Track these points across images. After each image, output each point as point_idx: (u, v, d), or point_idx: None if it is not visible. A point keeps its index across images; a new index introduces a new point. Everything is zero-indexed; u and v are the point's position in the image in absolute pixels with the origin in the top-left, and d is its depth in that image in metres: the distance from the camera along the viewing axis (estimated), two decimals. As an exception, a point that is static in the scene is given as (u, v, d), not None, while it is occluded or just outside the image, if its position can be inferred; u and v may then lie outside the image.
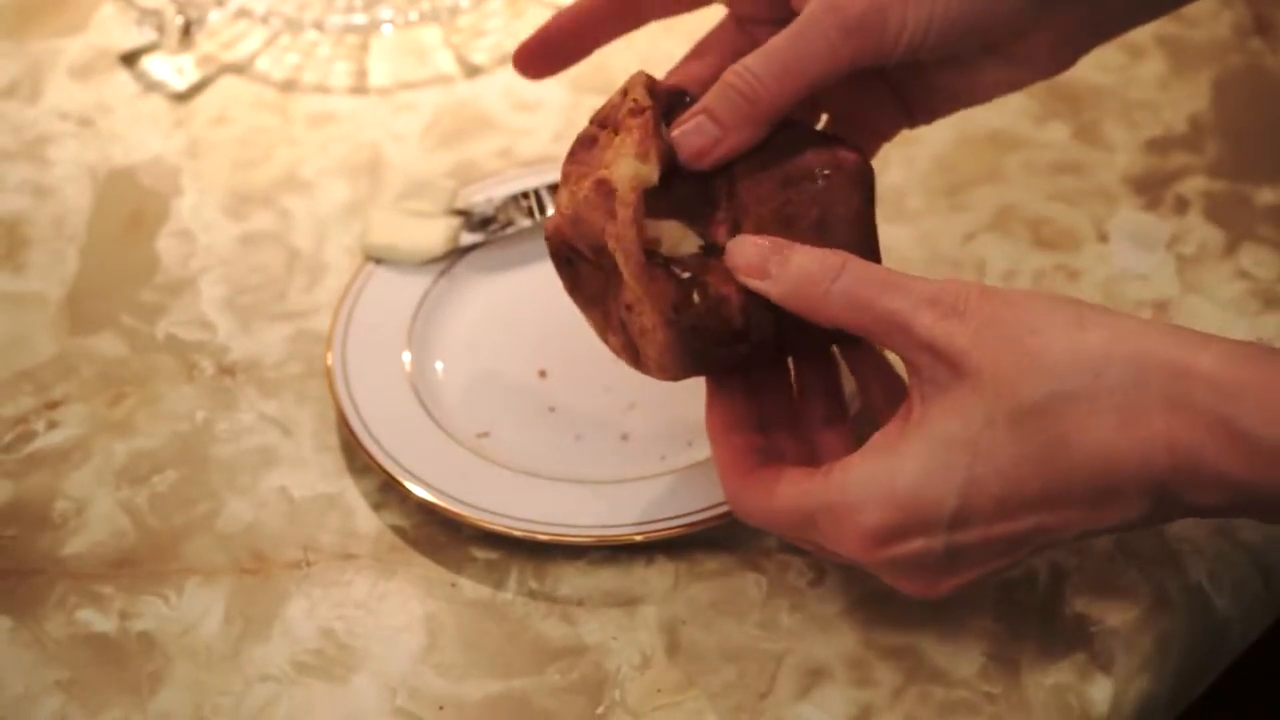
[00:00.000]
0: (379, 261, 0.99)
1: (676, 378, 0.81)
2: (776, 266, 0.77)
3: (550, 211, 1.00)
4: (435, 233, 0.99)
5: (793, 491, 0.78)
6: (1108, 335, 0.72)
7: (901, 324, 0.74)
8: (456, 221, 1.00)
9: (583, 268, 0.82)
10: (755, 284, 0.77)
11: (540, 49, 0.90)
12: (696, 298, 0.78)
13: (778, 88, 0.79)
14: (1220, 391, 0.70)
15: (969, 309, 0.74)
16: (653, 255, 0.79)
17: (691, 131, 0.80)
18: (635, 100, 0.81)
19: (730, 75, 0.80)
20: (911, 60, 0.81)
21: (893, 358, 0.81)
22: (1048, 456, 0.72)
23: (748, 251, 0.78)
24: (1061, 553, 0.85)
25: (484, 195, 1.02)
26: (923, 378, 0.74)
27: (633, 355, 0.82)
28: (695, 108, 0.81)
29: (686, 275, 0.79)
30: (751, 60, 0.80)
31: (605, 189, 0.79)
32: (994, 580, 0.81)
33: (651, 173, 0.79)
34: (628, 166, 0.79)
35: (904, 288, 0.75)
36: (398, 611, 0.86)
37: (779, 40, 0.80)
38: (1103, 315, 0.73)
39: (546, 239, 0.83)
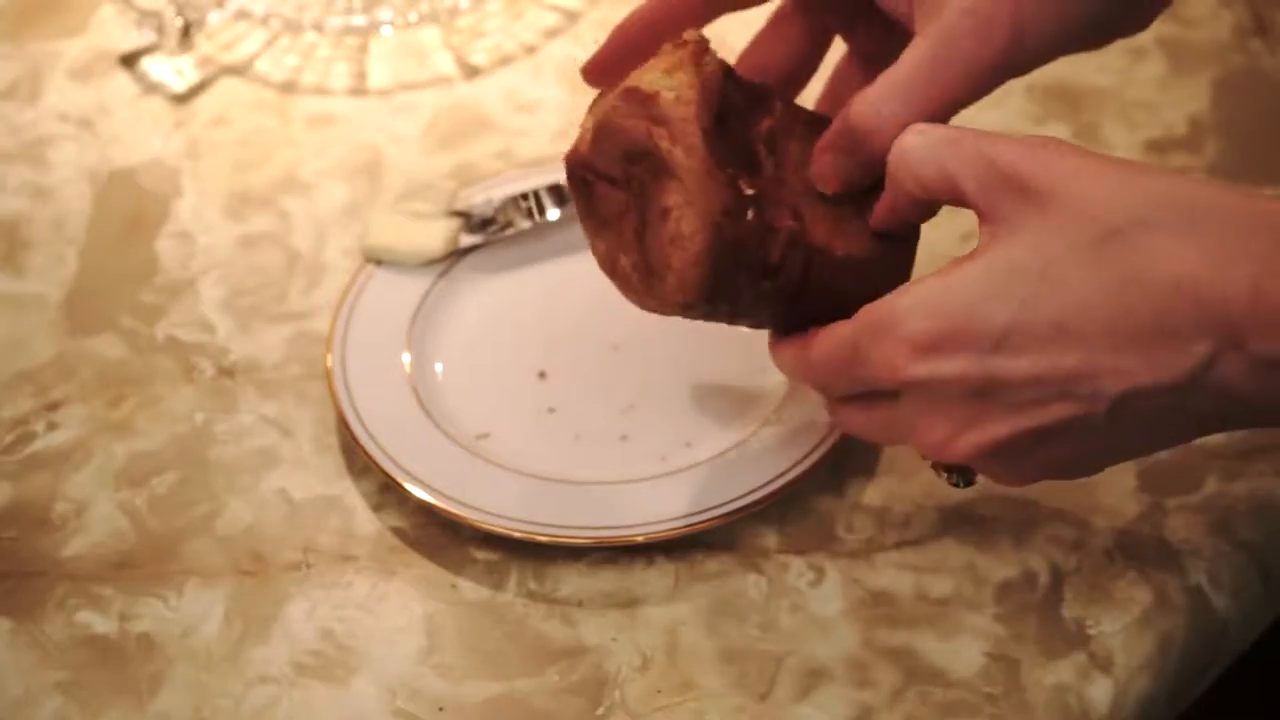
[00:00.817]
0: (378, 263, 0.99)
1: (685, 301, 0.78)
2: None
3: (550, 213, 1.00)
4: (435, 234, 0.99)
5: (838, 327, 0.77)
6: (1208, 185, 0.72)
7: (985, 161, 0.73)
8: (456, 223, 1.00)
9: (600, 188, 0.81)
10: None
11: (614, 60, 0.87)
12: (750, 214, 0.78)
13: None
14: None
15: (1055, 153, 0.73)
16: (719, 160, 0.78)
17: (829, 168, 0.80)
18: (682, 39, 0.81)
19: (865, 118, 0.79)
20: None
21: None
22: (1121, 283, 0.70)
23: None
24: (1061, 553, 0.85)
25: (483, 196, 1.02)
26: (995, 218, 0.73)
27: (644, 275, 0.80)
28: (829, 139, 0.81)
29: (750, 192, 0.78)
30: (886, 104, 0.79)
31: (637, 95, 0.79)
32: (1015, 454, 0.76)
33: (689, 77, 0.79)
34: (654, 76, 0.79)
35: (980, 132, 0.74)
36: (397, 613, 0.86)
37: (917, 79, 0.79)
38: (1185, 176, 0.73)
39: (565, 161, 0.82)
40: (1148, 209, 0.70)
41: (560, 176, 0.99)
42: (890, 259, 0.82)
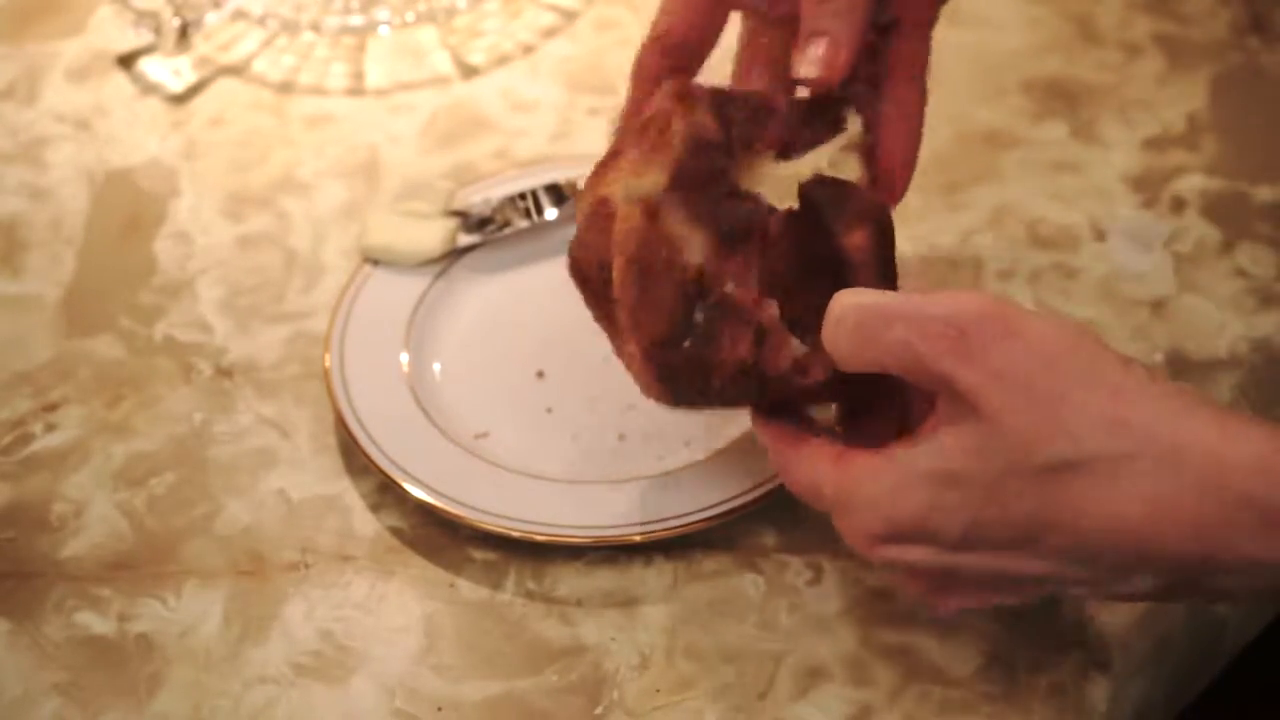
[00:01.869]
0: (376, 263, 0.99)
1: (669, 405, 0.80)
2: None
3: (548, 212, 1.00)
4: (432, 234, 0.99)
5: (811, 469, 0.76)
6: (1146, 417, 0.69)
7: (912, 357, 0.71)
8: (454, 222, 1.00)
9: (590, 288, 0.82)
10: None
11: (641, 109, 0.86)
12: (689, 344, 0.77)
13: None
14: (1264, 479, 0.67)
15: (987, 346, 0.70)
16: (658, 273, 0.77)
17: (824, 53, 0.82)
18: (654, 112, 0.81)
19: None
20: None
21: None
22: (1064, 523, 0.69)
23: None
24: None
25: (481, 196, 1.02)
26: (946, 400, 0.71)
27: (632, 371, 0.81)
28: (807, 33, 0.82)
29: (698, 317, 0.77)
30: None
31: (605, 209, 0.79)
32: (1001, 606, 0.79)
33: (653, 184, 0.78)
34: (620, 186, 0.78)
35: (909, 314, 0.71)
36: (396, 613, 0.86)
37: None
38: (1144, 387, 0.70)
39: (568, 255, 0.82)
40: (1082, 442, 0.69)
41: (557, 176, 1.00)
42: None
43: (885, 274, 0.79)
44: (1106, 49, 1.14)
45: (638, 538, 0.86)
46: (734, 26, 0.89)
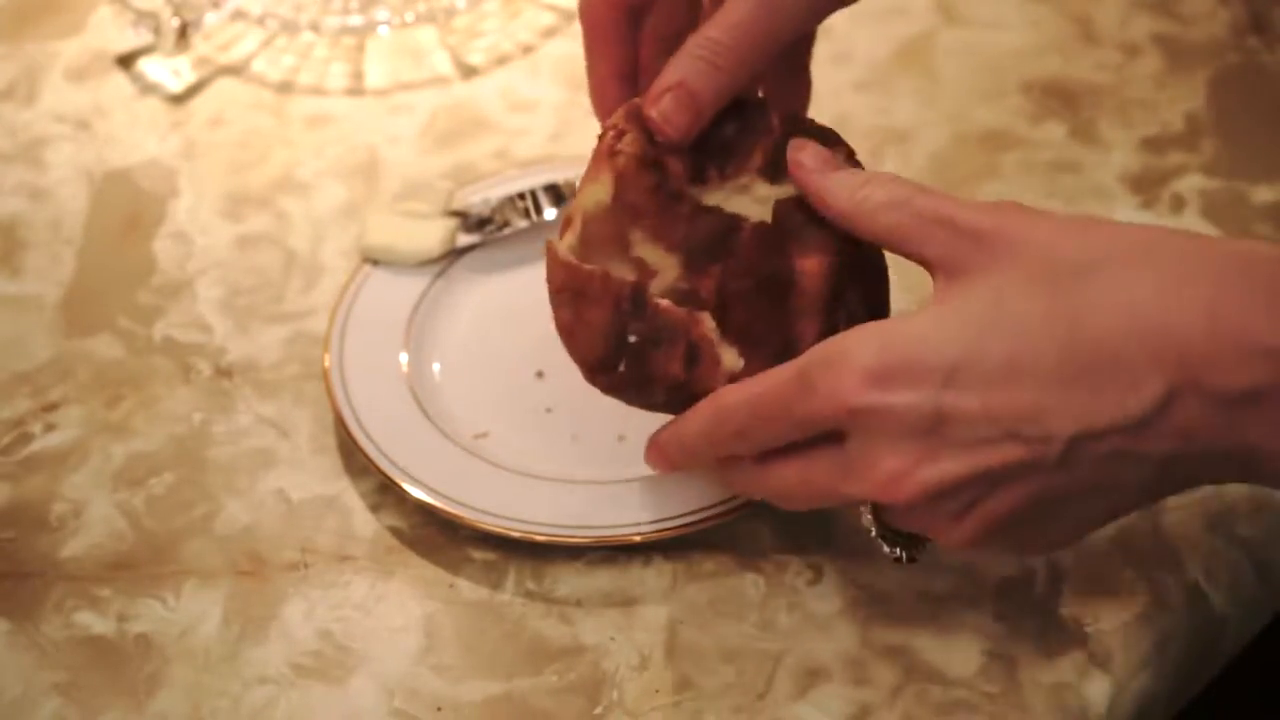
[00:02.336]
0: (376, 263, 0.99)
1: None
2: (832, 170, 0.78)
3: (547, 212, 1.00)
4: (432, 234, 0.99)
5: (780, 367, 0.76)
6: (1161, 228, 0.73)
7: (944, 216, 0.74)
8: (453, 223, 1.00)
9: None
10: (809, 175, 0.78)
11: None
12: (623, 366, 0.80)
13: (744, 54, 0.80)
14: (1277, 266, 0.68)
15: (1017, 210, 0.73)
16: (591, 296, 0.79)
17: (671, 108, 0.80)
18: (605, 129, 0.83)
19: (694, 48, 0.80)
20: None
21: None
22: (1073, 316, 0.69)
23: (810, 154, 0.79)
24: (1059, 551, 0.85)
25: (480, 196, 1.02)
26: (950, 271, 0.73)
27: None
28: (667, 81, 0.80)
29: (631, 339, 0.79)
30: (715, 31, 0.80)
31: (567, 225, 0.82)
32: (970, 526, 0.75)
33: (595, 202, 0.80)
34: (588, 192, 0.81)
35: (948, 196, 0.75)
36: (395, 613, 0.86)
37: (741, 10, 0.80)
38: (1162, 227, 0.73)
39: None
40: (1101, 249, 0.70)
41: (557, 176, 1.00)
42: None
43: (839, 307, 0.79)
44: (1106, 49, 1.14)
45: (637, 538, 0.86)
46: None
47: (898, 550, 0.79)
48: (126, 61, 1.18)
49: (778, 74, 0.88)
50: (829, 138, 0.82)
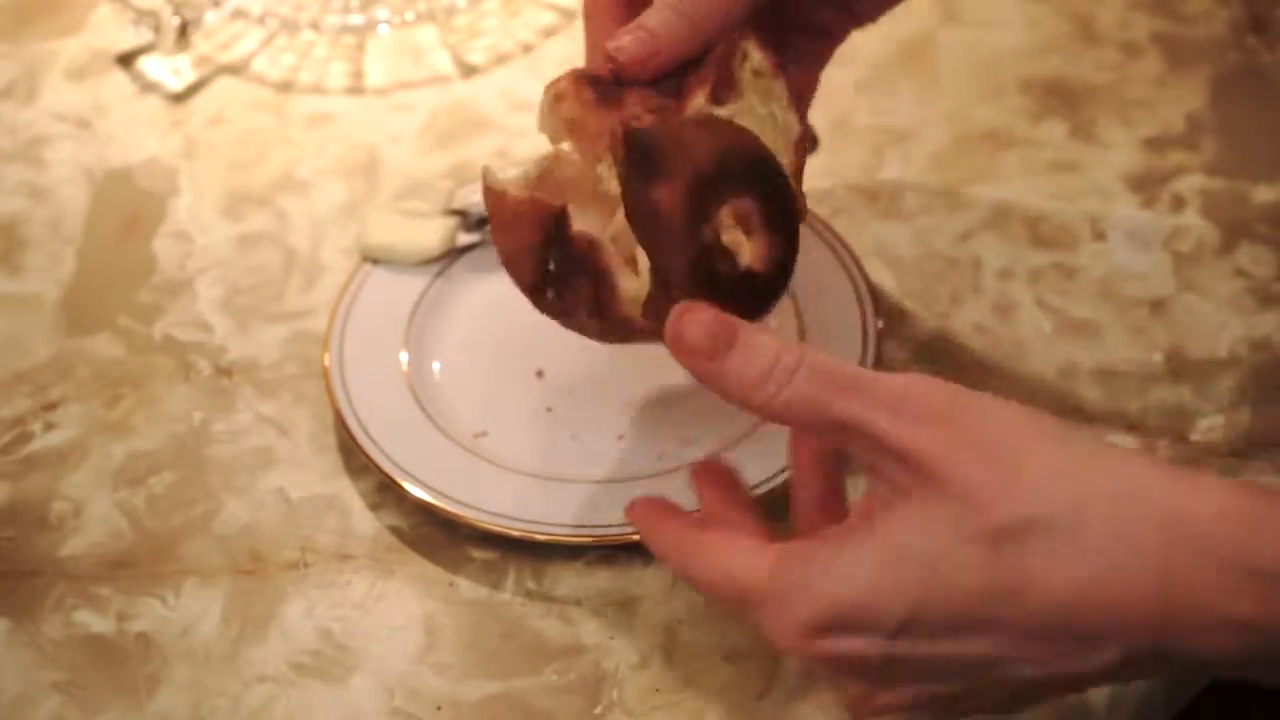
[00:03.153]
0: (376, 262, 0.98)
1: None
2: (725, 356, 0.71)
3: None
4: (432, 233, 0.99)
5: (732, 564, 0.72)
6: (1097, 466, 0.67)
7: (864, 429, 0.68)
8: (453, 221, 1.00)
9: None
10: (703, 364, 0.71)
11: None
12: (550, 293, 0.79)
13: (709, 10, 0.81)
14: (1230, 530, 0.64)
15: (939, 415, 0.68)
16: (522, 222, 0.79)
17: (630, 44, 0.80)
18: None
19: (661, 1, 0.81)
20: None
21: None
22: (1017, 589, 0.65)
23: (694, 333, 0.71)
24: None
25: (480, 195, 1.01)
26: (884, 483, 0.68)
27: None
28: (632, 25, 0.81)
29: (550, 268, 0.79)
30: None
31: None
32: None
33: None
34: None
35: (865, 389, 0.69)
36: (395, 612, 0.86)
37: None
38: (1089, 442, 0.68)
39: None
40: (1036, 505, 0.66)
41: None
42: None
43: (706, 231, 0.74)
44: (1106, 49, 1.14)
45: (637, 537, 0.86)
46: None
47: None
48: (127, 60, 1.18)
49: (793, 57, 0.88)
50: (743, 36, 0.82)
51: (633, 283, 0.77)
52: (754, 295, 0.75)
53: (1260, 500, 0.65)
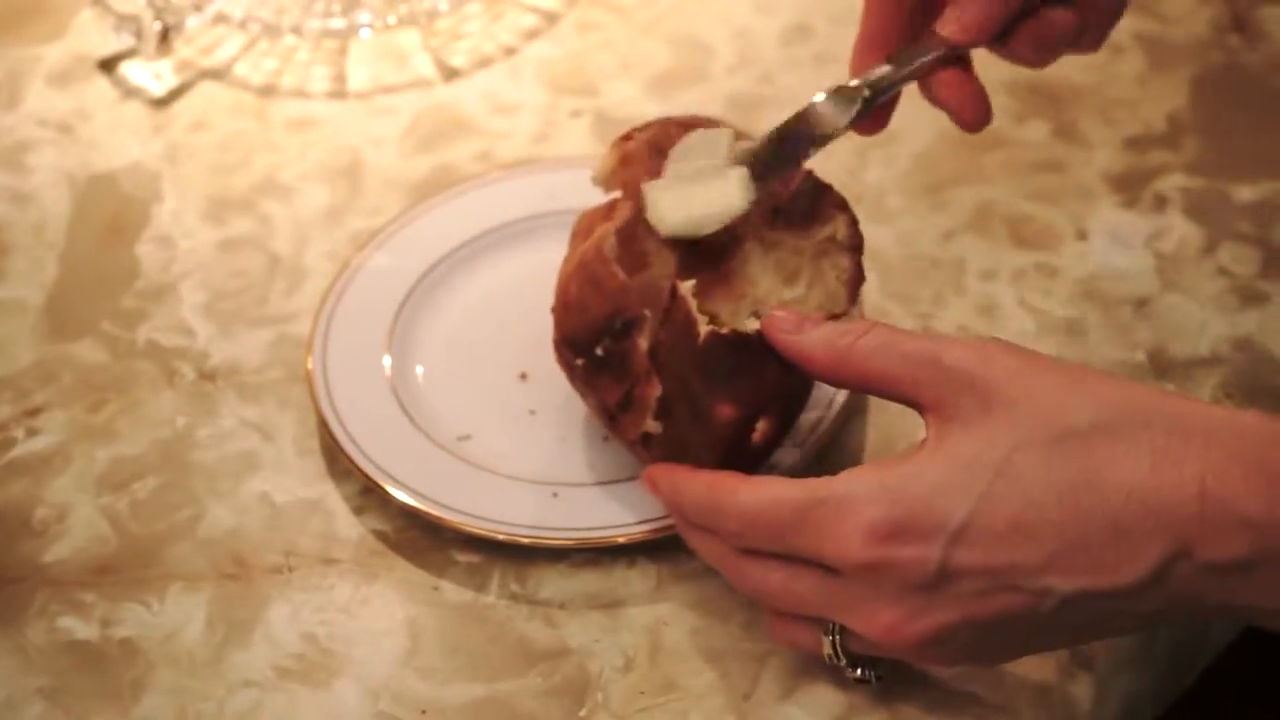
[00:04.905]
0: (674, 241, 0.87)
1: None
2: (809, 326, 0.79)
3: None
4: (729, 191, 0.86)
5: (787, 485, 0.76)
6: (1153, 389, 0.74)
7: (931, 358, 0.74)
8: (742, 171, 0.86)
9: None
10: (787, 337, 0.79)
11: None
12: (580, 362, 0.84)
13: None
14: (1260, 437, 0.70)
15: (1004, 349, 0.75)
16: (602, 291, 0.82)
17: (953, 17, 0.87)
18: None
19: None
20: None
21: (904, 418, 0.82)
22: (1076, 485, 0.70)
23: (780, 315, 0.80)
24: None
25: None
26: (945, 414, 0.74)
27: None
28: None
29: (598, 352, 0.83)
30: None
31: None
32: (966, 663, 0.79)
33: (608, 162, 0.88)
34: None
35: (930, 335, 0.76)
36: (380, 616, 0.86)
37: None
38: (1143, 382, 0.75)
39: None
40: (1098, 412, 0.72)
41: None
42: None
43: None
44: (1088, 49, 1.14)
45: (621, 539, 0.86)
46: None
47: (864, 672, 0.80)
48: (109, 65, 1.18)
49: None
50: (839, 204, 0.85)
51: (654, 425, 0.82)
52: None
53: None
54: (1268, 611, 0.71)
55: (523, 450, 0.91)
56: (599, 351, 0.82)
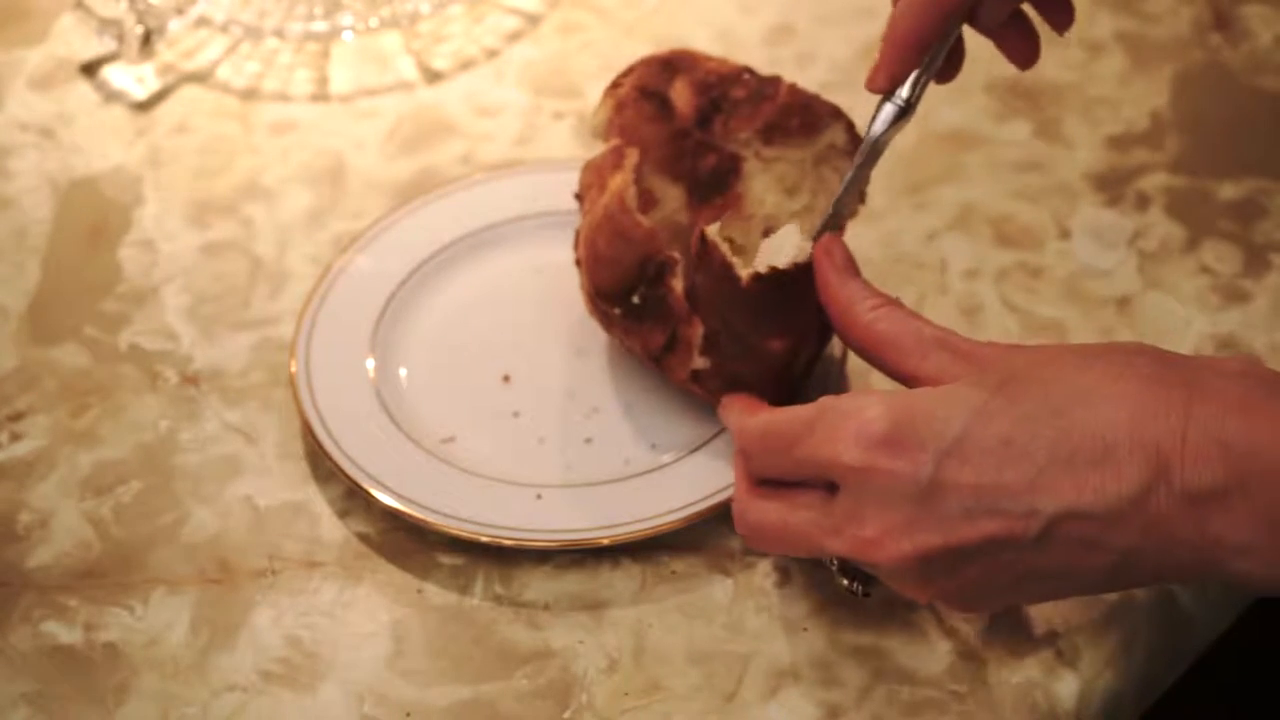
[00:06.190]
0: None
1: None
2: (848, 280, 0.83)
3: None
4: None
5: (803, 405, 0.78)
6: (1143, 345, 0.77)
7: (945, 340, 0.78)
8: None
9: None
10: (830, 277, 0.82)
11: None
12: (619, 311, 0.87)
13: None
14: (1245, 377, 0.73)
15: (1009, 345, 0.79)
16: (630, 241, 0.84)
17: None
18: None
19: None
20: None
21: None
22: (1071, 400, 0.73)
23: (839, 249, 0.83)
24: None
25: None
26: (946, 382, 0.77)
27: None
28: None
29: (635, 300, 0.86)
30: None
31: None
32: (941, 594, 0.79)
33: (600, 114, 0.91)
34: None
35: (947, 330, 0.80)
36: (364, 619, 0.86)
37: None
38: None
39: None
40: (1085, 355, 0.76)
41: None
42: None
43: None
44: (1069, 47, 1.14)
45: (605, 541, 0.86)
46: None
47: (854, 584, 0.81)
48: (91, 69, 1.18)
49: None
50: (831, 112, 0.89)
51: (701, 361, 0.85)
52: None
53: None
54: (1230, 547, 0.71)
55: (506, 452, 0.91)
56: (635, 300, 0.85)
